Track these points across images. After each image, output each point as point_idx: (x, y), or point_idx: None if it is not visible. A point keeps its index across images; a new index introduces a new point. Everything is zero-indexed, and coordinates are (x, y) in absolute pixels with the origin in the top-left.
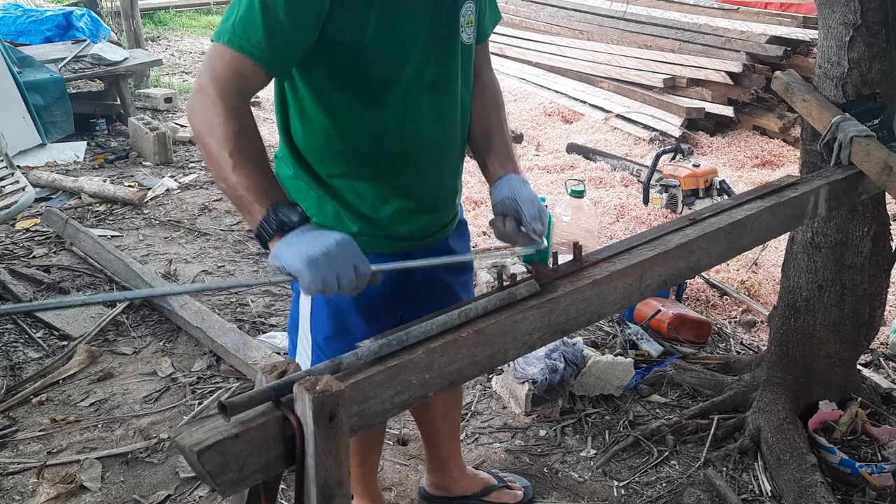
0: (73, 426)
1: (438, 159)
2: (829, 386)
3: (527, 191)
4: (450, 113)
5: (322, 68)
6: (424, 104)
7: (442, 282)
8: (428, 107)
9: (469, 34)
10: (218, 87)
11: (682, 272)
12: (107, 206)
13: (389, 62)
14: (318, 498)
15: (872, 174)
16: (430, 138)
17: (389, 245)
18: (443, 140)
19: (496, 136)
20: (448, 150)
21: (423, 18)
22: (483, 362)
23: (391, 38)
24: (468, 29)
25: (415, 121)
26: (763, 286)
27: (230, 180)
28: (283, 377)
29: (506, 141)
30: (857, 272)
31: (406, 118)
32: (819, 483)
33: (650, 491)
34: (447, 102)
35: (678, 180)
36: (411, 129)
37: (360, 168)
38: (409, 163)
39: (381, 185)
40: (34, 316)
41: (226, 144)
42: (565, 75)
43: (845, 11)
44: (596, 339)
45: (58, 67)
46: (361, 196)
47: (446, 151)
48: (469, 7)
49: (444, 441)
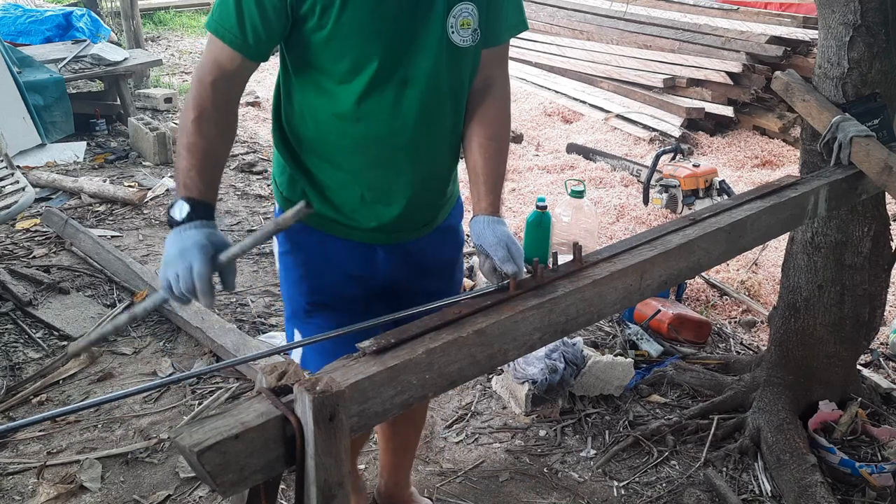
0: (73, 426)
1: (409, 156)
2: (829, 386)
3: (491, 234)
4: (427, 113)
5: (298, 48)
6: (391, 99)
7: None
8: (396, 103)
9: (463, 36)
10: (197, 75)
11: (683, 272)
12: (107, 207)
13: (356, 51)
14: (319, 498)
15: (872, 174)
16: (399, 134)
17: (351, 232)
18: (416, 139)
19: (483, 167)
20: (423, 149)
21: (400, 13)
22: (483, 362)
23: (359, 27)
24: (462, 31)
25: (380, 114)
26: (763, 286)
27: (175, 165)
28: (283, 377)
29: (491, 174)
30: (857, 272)
31: (371, 110)
32: (819, 483)
33: (650, 491)
34: (425, 102)
35: (678, 180)
36: (377, 121)
37: (327, 151)
38: (373, 154)
39: (345, 172)
40: (34, 316)
41: (181, 132)
42: (565, 75)
43: (845, 11)
44: (596, 339)
45: (58, 67)
46: (327, 179)
47: (420, 150)
48: (465, 8)
49: (390, 451)
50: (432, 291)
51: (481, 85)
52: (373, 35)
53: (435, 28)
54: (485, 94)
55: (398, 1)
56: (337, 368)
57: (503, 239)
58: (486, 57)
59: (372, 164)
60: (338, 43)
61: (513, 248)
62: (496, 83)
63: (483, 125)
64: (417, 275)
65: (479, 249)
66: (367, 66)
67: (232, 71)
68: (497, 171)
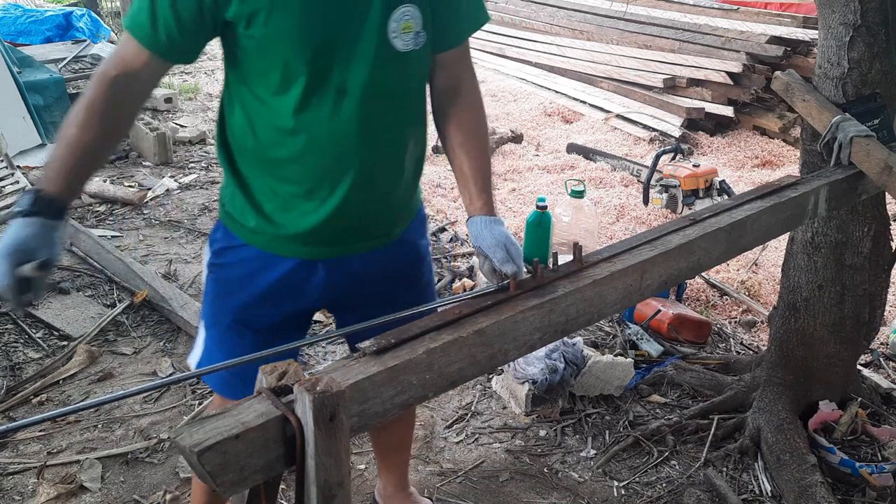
0: (73, 426)
1: (354, 167)
2: (829, 386)
3: (489, 235)
4: (372, 123)
5: (233, 57)
6: (329, 110)
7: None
8: (335, 113)
9: (406, 40)
10: (101, 68)
11: (683, 272)
12: (107, 207)
13: (286, 59)
14: (319, 498)
15: (872, 174)
16: (341, 145)
17: (290, 248)
18: (362, 149)
19: (469, 167)
20: (371, 160)
21: (332, 19)
22: (483, 362)
23: (287, 34)
24: (405, 35)
25: (319, 125)
26: (763, 286)
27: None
28: (283, 377)
29: (478, 172)
30: (857, 272)
31: (309, 121)
32: (819, 483)
33: (650, 491)
34: (368, 111)
35: (678, 180)
36: (316, 132)
37: (268, 162)
38: (315, 165)
39: (287, 183)
40: (34, 316)
41: (64, 121)
42: (565, 75)
43: (845, 11)
44: (596, 339)
45: (58, 67)
46: (267, 190)
47: (367, 160)
48: (406, 11)
49: (383, 451)
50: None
51: (448, 85)
52: (302, 43)
53: (371, 34)
54: (455, 94)
55: (329, 7)
56: (337, 368)
57: (501, 240)
58: (450, 57)
59: (314, 175)
60: (267, 51)
61: (511, 248)
62: (464, 81)
63: (460, 126)
64: (365, 289)
65: (478, 251)
66: (299, 76)
67: (138, 68)
68: (484, 169)
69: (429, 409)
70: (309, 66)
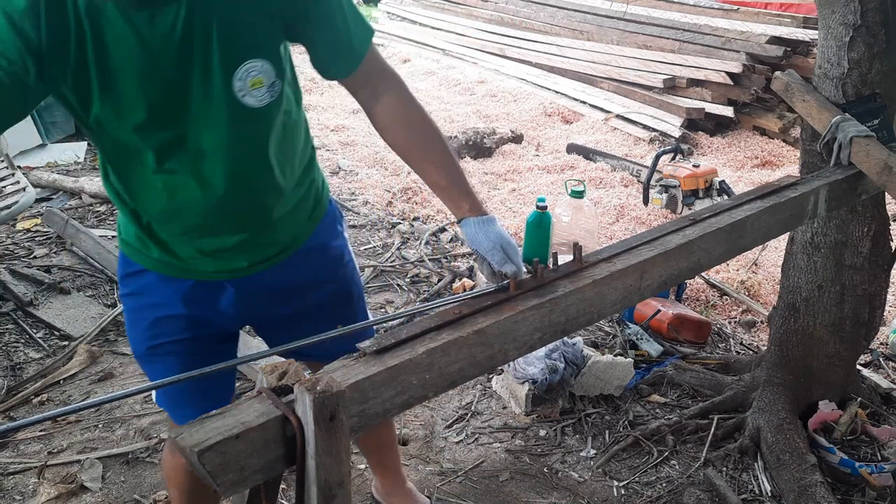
0: (73, 426)
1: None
2: (829, 386)
3: (484, 238)
4: (240, 178)
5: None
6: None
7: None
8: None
9: (258, 96)
10: None
11: (683, 272)
12: (107, 207)
13: (132, 131)
14: (319, 498)
15: (872, 174)
16: (211, 202)
17: (189, 272)
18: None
19: (439, 177)
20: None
21: (170, 89)
22: (483, 362)
23: (127, 108)
24: (256, 91)
25: (184, 188)
26: (763, 286)
27: None
28: (283, 377)
29: (452, 179)
30: (856, 272)
31: (173, 184)
32: (819, 483)
33: (650, 491)
34: (232, 170)
35: (678, 180)
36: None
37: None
38: (191, 220)
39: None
40: (34, 316)
41: None
42: (565, 75)
43: (845, 11)
44: (596, 339)
45: None
46: (157, 226)
47: (243, 206)
48: (252, 67)
49: (368, 452)
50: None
51: (373, 101)
52: (144, 114)
53: (218, 96)
54: (386, 109)
55: (166, 77)
56: (337, 368)
57: (497, 241)
58: (360, 76)
59: (193, 223)
60: (110, 124)
61: (508, 248)
62: (388, 91)
63: (410, 140)
64: (282, 303)
65: (475, 253)
66: (149, 147)
67: None
68: (456, 172)
69: (429, 409)
70: (158, 137)
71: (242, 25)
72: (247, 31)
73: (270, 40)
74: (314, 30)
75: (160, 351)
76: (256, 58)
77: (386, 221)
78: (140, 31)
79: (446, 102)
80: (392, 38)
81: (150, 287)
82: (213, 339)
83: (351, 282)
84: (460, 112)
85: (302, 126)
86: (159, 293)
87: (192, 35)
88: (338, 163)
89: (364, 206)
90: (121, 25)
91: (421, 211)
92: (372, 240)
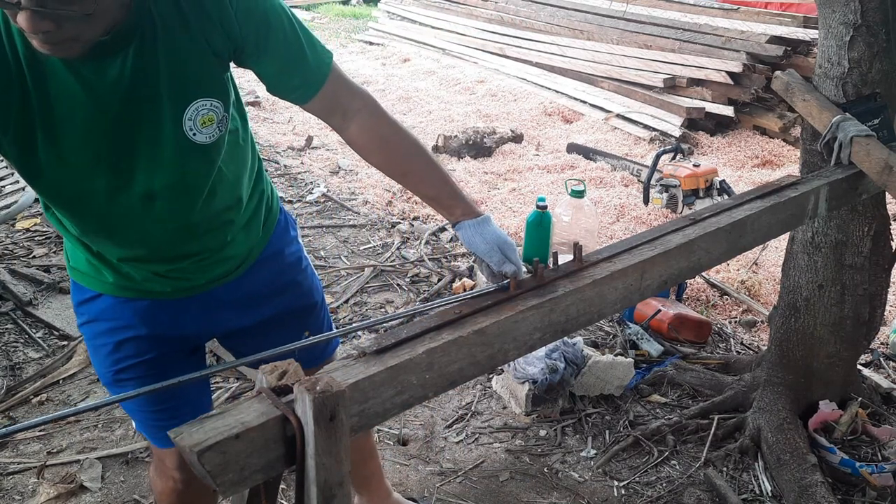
0: (73, 426)
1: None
2: (830, 386)
3: (481, 240)
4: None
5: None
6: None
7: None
8: (147, 217)
9: (209, 133)
10: None
11: (683, 272)
12: None
13: (78, 180)
14: (319, 498)
15: (872, 174)
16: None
17: (149, 294)
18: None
19: (426, 187)
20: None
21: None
22: (483, 362)
23: (74, 157)
24: (206, 129)
25: (132, 232)
26: (763, 286)
27: None
28: (283, 377)
29: (440, 188)
30: (857, 272)
31: (120, 228)
32: (819, 483)
33: (650, 491)
34: (183, 209)
35: (678, 180)
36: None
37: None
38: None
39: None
40: (34, 315)
41: None
42: (565, 75)
43: (845, 11)
44: (596, 339)
45: None
46: (104, 257)
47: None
48: (202, 106)
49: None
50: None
51: (346, 123)
52: (89, 161)
53: (167, 138)
54: (360, 131)
55: (113, 123)
56: (337, 368)
57: (494, 241)
58: (325, 99)
59: (144, 256)
60: (54, 175)
61: (506, 248)
62: (358, 112)
63: (388, 158)
64: (243, 314)
65: (474, 255)
66: (95, 195)
67: None
68: (441, 179)
69: (429, 409)
70: (105, 185)
71: (190, 67)
72: (194, 71)
73: (218, 77)
74: (268, 61)
75: (127, 374)
76: (205, 97)
77: (386, 221)
78: (87, 81)
79: (446, 102)
80: (392, 38)
81: (107, 311)
82: (178, 354)
83: (312, 287)
84: (460, 111)
85: (249, 140)
86: (117, 316)
87: (141, 81)
88: (337, 162)
89: (364, 206)
90: (66, 77)
91: (421, 210)
92: (372, 239)
